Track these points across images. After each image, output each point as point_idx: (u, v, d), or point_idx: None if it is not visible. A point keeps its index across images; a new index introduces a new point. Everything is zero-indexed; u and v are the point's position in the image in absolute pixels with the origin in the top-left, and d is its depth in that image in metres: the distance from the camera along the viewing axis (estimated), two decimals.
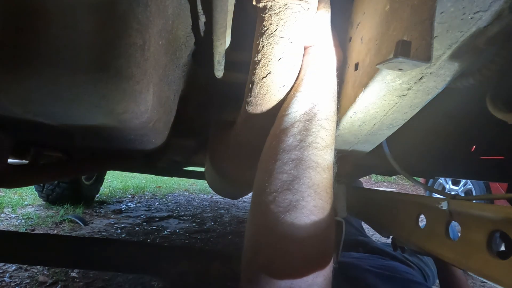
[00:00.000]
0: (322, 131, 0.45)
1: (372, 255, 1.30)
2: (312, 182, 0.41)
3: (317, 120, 0.45)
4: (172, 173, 2.47)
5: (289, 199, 0.40)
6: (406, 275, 1.02)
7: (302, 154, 0.42)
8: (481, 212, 0.50)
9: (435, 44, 0.36)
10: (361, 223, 1.94)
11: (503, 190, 3.29)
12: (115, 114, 0.46)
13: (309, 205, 0.40)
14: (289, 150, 0.43)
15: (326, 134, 0.45)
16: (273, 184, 0.41)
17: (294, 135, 0.44)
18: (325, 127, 0.45)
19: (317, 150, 0.43)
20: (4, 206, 2.71)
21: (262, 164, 0.46)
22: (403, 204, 0.78)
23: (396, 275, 0.98)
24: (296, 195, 0.40)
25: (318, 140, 0.44)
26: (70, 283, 1.60)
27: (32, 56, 0.38)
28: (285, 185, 0.41)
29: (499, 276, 0.45)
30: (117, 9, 0.39)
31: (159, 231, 2.58)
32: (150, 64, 0.45)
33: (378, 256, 1.28)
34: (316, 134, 0.44)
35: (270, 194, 0.41)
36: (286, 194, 0.40)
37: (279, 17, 0.45)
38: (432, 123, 0.96)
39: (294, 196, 0.40)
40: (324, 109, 0.47)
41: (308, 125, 0.45)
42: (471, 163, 1.23)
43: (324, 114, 0.46)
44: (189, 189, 5.03)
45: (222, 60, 0.62)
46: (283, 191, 0.40)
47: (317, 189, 0.41)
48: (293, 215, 0.39)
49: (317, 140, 0.44)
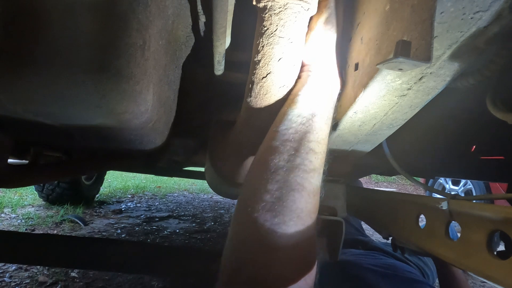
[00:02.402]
0: (311, 154, 0.43)
1: (374, 251, 1.30)
2: (296, 206, 0.40)
3: (307, 142, 0.44)
4: (172, 173, 2.47)
5: (271, 221, 0.38)
6: (407, 273, 1.02)
7: (288, 176, 0.41)
8: (481, 212, 0.50)
9: (435, 44, 0.36)
10: (361, 223, 1.94)
11: (503, 190, 3.29)
12: (115, 114, 0.46)
13: (291, 230, 0.39)
14: (275, 170, 0.42)
15: (315, 157, 0.44)
16: (256, 203, 0.40)
17: (282, 154, 0.43)
18: (314, 149, 0.44)
19: (304, 173, 0.42)
20: (4, 206, 2.71)
21: (248, 180, 0.45)
22: (403, 204, 0.78)
23: (397, 273, 0.98)
24: (278, 218, 0.39)
25: (306, 162, 0.43)
26: (70, 283, 1.60)
27: (33, 56, 0.38)
28: (267, 205, 0.39)
29: (499, 276, 0.45)
30: (117, 9, 0.39)
31: (159, 231, 2.58)
32: (150, 64, 0.45)
33: (379, 253, 1.28)
34: (304, 156, 0.43)
35: (253, 213, 0.40)
36: (267, 215, 0.39)
37: (279, 17, 0.45)
38: (432, 123, 0.96)
39: (275, 219, 0.39)
40: (316, 131, 0.45)
41: (298, 146, 0.43)
42: (471, 163, 1.23)
43: (315, 137, 0.45)
44: (189, 189, 5.03)
45: (222, 60, 0.62)
46: (265, 212, 0.39)
47: (301, 214, 0.40)
48: (274, 238, 0.38)
49: (304, 162, 0.42)
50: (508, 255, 0.44)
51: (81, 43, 0.39)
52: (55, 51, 0.38)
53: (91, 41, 0.39)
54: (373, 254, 1.26)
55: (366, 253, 1.27)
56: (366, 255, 1.23)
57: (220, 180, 0.78)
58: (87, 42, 0.39)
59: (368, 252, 1.28)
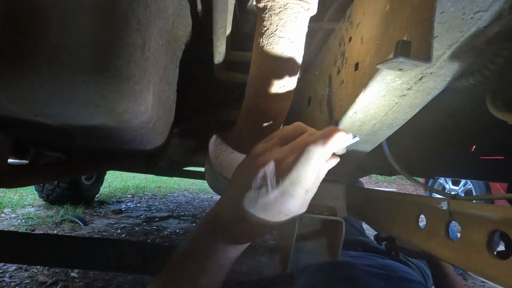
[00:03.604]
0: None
1: (370, 253, 1.30)
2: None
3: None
4: (172, 173, 2.47)
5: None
6: (402, 273, 1.01)
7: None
8: (481, 212, 0.50)
9: (435, 44, 0.36)
10: (361, 224, 1.94)
11: (503, 190, 3.29)
12: (115, 114, 0.46)
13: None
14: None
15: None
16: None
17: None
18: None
19: None
20: (4, 206, 2.71)
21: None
22: (403, 204, 0.78)
23: (390, 273, 0.98)
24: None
25: None
26: (70, 283, 1.60)
27: (32, 55, 0.38)
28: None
29: (499, 276, 0.45)
30: (117, 9, 0.39)
31: (159, 231, 2.58)
32: (150, 64, 0.45)
33: (376, 255, 1.28)
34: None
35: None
36: None
37: (279, 17, 0.45)
38: (432, 123, 0.96)
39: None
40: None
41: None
42: (471, 163, 1.23)
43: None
44: (189, 189, 5.03)
45: (222, 60, 0.62)
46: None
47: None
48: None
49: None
50: (508, 255, 0.44)
51: (81, 43, 0.39)
52: (55, 51, 0.38)
53: (91, 41, 0.39)
54: (370, 255, 1.26)
55: (363, 254, 1.27)
56: (362, 256, 1.24)
57: (220, 179, 0.78)
58: (87, 42, 0.39)
59: (365, 254, 1.28)
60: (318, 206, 0.76)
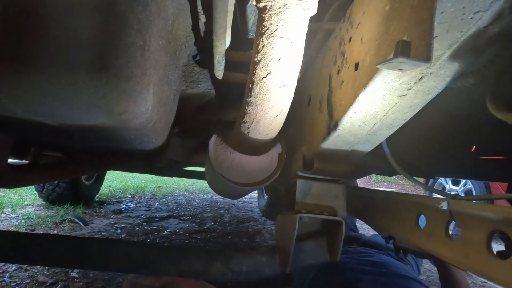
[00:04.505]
0: None
1: (366, 248, 1.32)
2: None
3: None
4: (172, 173, 2.47)
5: None
6: (393, 269, 1.02)
7: None
8: (481, 212, 0.50)
9: (435, 44, 0.36)
10: (354, 221, 1.97)
11: (503, 190, 3.29)
12: (115, 114, 0.46)
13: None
14: None
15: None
16: None
17: None
18: None
19: None
20: (4, 206, 2.71)
21: None
22: (403, 204, 0.78)
23: (382, 270, 0.99)
24: None
25: None
26: (70, 283, 1.60)
27: (33, 56, 0.38)
28: None
29: (499, 276, 0.45)
30: (117, 9, 0.39)
31: (159, 231, 2.58)
32: (150, 64, 0.45)
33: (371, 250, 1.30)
34: None
35: None
36: None
37: (279, 17, 0.45)
38: (432, 123, 0.96)
39: None
40: None
41: None
42: (471, 163, 1.23)
43: None
44: (189, 189, 5.03)
45: (222, 60, 0.62)
46: None
47: None
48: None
49: None
50: (508, 255, 0.44)
51: (81, 43, 0.39)
52: (55, 51, 0.38)
53: (91, 41, 0.39)
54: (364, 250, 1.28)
55: (357, 251, 1.29)
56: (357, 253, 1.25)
57: (220, 179, 0.78)
58: (87, 42, 0.39)
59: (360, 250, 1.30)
60: (318, 206, 0.76)
